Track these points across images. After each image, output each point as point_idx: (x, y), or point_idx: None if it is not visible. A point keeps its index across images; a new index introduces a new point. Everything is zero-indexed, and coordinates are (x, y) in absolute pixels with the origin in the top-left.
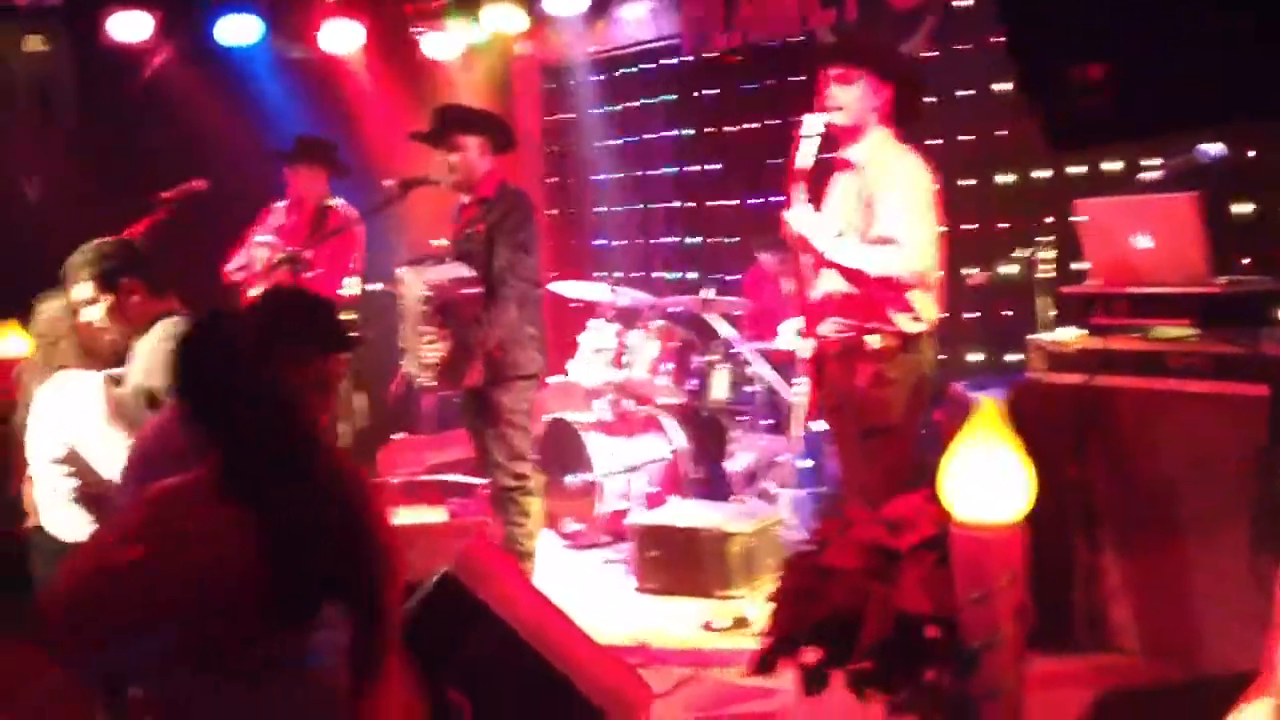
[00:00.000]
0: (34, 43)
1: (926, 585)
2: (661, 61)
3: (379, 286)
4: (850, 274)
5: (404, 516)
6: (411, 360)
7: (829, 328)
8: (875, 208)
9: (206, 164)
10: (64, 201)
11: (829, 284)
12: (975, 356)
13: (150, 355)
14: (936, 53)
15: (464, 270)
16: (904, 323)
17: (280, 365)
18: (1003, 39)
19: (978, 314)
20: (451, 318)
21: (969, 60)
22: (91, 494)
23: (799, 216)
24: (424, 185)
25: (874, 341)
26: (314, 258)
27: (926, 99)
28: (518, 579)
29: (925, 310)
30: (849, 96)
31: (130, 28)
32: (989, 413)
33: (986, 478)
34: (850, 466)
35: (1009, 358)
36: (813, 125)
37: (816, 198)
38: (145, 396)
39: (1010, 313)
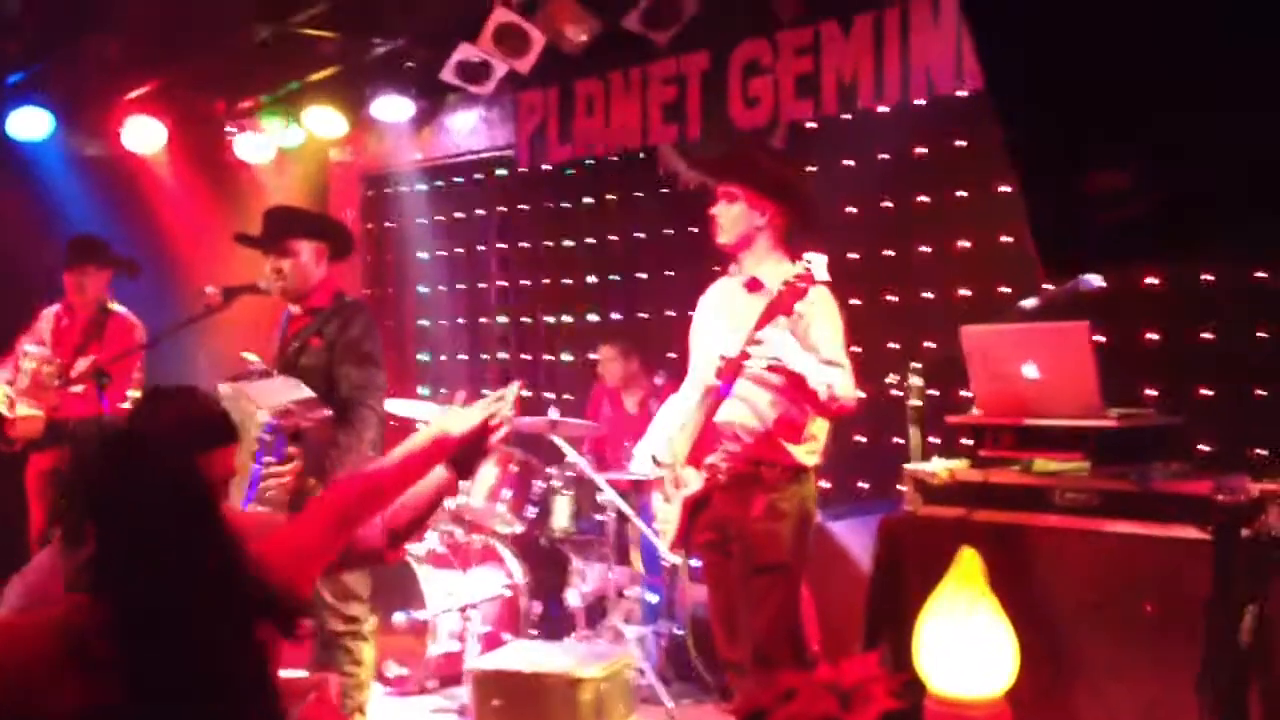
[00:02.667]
0: None
1: None
2: (494, 172)
3: None
4: (804, 397)
5: None
6: (241, 488)
7: (720, 457)
8: (807, 337)
9: None
10: None
11: (732, 413)
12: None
13: None
14: None
15: (304, 390)
16: (801, 455)
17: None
18: (850, 162)
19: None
20: (302, 446)
21: (816, 181)
22: None
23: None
24: (250, 294)
25: (768, 472)
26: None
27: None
28: None
29: (821, 442)
30: (728, 216)
31: None
32: (969, 567)
33: (968, 644)
34: (732, 607)
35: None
36: None
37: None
38: None
39: (863, 439)
